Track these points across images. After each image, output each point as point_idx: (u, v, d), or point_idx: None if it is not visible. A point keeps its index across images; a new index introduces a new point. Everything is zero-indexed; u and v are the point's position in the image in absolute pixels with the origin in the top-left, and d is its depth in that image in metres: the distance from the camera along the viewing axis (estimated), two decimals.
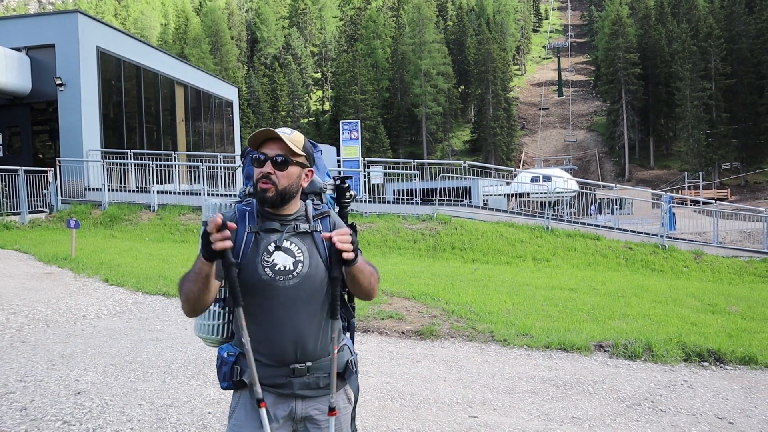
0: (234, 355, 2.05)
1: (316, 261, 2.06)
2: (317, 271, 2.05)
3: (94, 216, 16.11)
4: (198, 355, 5.70)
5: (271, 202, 2.02)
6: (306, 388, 2.03)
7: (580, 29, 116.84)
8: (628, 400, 4.89)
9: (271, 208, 2.05)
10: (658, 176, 67.85)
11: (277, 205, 2.04)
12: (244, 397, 2.04)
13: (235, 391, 2.07)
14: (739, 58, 64.69)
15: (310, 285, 2.03)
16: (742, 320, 8.24)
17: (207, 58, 77.38)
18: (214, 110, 28.34)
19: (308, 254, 2.05)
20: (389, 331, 6.70)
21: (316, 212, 2.14)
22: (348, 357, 2.15)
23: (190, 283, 1.88)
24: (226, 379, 2.05)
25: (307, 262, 2.04)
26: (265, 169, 2.01)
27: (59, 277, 9.06)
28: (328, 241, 1.88)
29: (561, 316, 7.61)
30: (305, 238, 2.07)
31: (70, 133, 18.27)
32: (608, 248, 15.06)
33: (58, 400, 4.52)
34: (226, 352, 2.07)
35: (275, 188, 2.00)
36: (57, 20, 19.21)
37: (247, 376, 2.00)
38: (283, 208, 2.06)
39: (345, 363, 2.13)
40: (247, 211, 2.08)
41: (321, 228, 2.11)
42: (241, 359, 2.03)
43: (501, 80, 78.12)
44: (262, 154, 2.02)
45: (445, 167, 20.48)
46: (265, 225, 2.05)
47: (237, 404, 2.07)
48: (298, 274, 2.02)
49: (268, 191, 2.00)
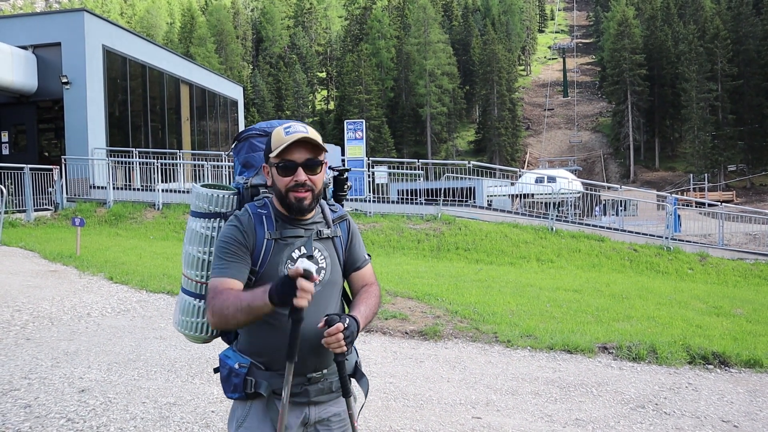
0: (246, 367, 1.94)
1: (336, 266, 2.02)
2: (337, 276, 2.03)
3: (99, 214, 16.15)
4: (201, 353, 5.70)
5: (310, 209, 1.94)
6: (321, 394, 1.99)
7: (586, 30, 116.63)
8: (632, 403, 4.87)
9: (308, 214, 1.96)
10: (664, 178, 67.68)
11: (314, 208, 1.96)
12: (257, 406, 1.95)
13: (245, 400, 1.96)
14: (746, 59, 64.49)
15: (330, 291, 2.00)
16: (747, 323, 8.21)
17: (212, 57, 77.48)
18: (219, 109, 28.39)
19: (330, 260, 2.00)
20: (393, 331, 6.70)
21: (334, 215, 2.07)
22: (355, 358, 2.11)
23: (239, 313, 1.76)
24: (237, 390, 1.93)
25: (329, 269, 2.00)
26: (300, 177, 1.88)
27: (64, 275, 9.09)
28: (324, 328, 1.79)
29: (565, 318, 7.60)
30: (327, 243, 2.01)
31: (75, 131, 18.33)
32: (613, 250, 15.02)
33: (63, 397, 4.53)
34: (237, 363, 1.96)
35: (311, 194, 1.91)
36: (63, 19, 19.27)
37: (264, 388, 1.91)
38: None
39: (354, 365, 2.09)
40: (263, 214, 1.95)
41: (340, 233, 2.05)
42: (254, 370, 1.94)
43: (506, 80, 78.00)
44: (290, 161, 1.89)
45: (449, 167, 20.46)
46: (287, 232, 1.94)
47: (248, 413, 1.95)
48: (320, 282, 1.94)
49: (305, 199, 1.90)
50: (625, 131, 73.21)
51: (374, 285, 2.11)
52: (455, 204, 17.56)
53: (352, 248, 2.09)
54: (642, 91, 72.14)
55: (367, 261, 2.13)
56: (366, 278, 2.11)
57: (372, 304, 2.00)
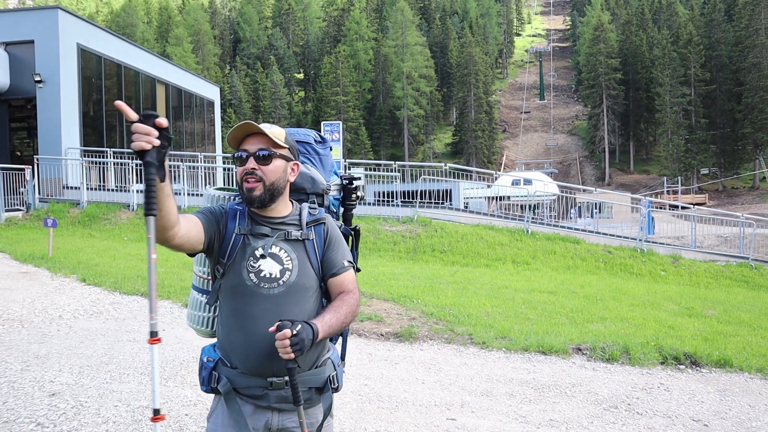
0: (213, 361, 1.99)
1: (306, 270, 1.98)
2: (306, 279, 1.97)
3: (73, 215, 15.92)
4: (175, 356, 5.65)
5: (260, 200, 1.93)
6: (283, 401, 1.94)
7: (563, 34, 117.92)
8: (605, 403, 4.93)
9: (260, 207, 1.95)
10: (638, 180, 68.63)
11: (266, 203, 1.94)
12: (223, 402, 1.97)
13: (216, 394, 2.01)
14: (718, 65, 65.68)
15: (296, 294, 1.95)
16: (718, 324, 8.36)
17: (189, 57, 76.76)
18: (196, 109, 28.17)
19: (297, 262, 1.97)
20: (368, 333, 6.70)
21: (311, 218, 2.04)
22: (329, 372, 2.05)
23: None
24: (204, 383, 2.00)
25: (296, 270, 1.96)
26: (248, 165, 1.92)
27: (35, 277, 8.94)
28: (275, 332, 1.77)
29: (540, 319, 7.66)
30: (296, 245, 1.98)
31: (48, 130, 18.06)
32: (587, 252, 15.19)
33: (32, 401, 4.45)
34: (206, 356, 2.01)
35: (262, 184, 1.92)
36: (37, 16, 19.00)
37: (223, 385, 1.95)
38: (272, 208, 1.98)
39: (325, 379, 2.03)
40: (238, 210, 1.98)
41: (314, 236, 2.02)
42: (219, 366, 1.98)
43: (483, 83, 78.53)
44: (243, 151, 1.94)
45: (426, 169, 20.52)
46: (254, 229, 1.96)
47: (216, 408, 2.00)
48: (284, 283, 1.93)
49: (255, 189, 1.91)
50: (600, 134, 74.14)
51: (351, 293, 2.03)
52: (432, 206, 17.60)
53: (329, 253, 2.04)
54: (617, 95, 73.14)
55: (346, 268, 2.05)
56: (344, 285, 2.03)
57: (342, 313, 1.94)
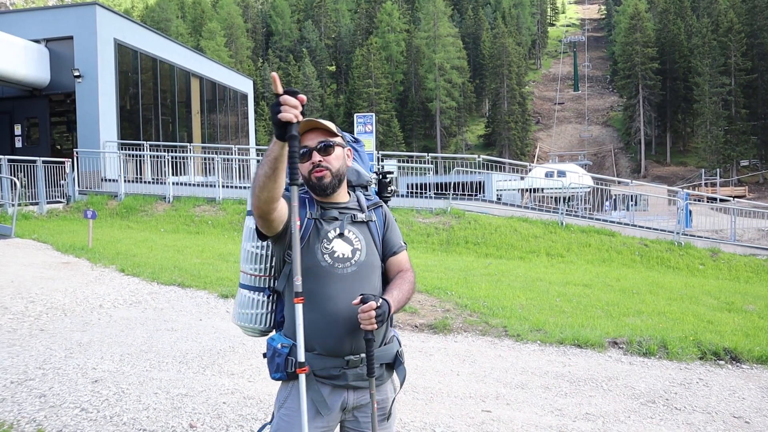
0: (288, 347, 2.04)
1: (372, 249, 2.12)
2: (374, 258, 2.12)
3: (111, 207, 16.25)
4: (213, 345, 5.74)
5: (332, 186, 2.06)
6: (359, 379, 2.05)
7: (597, 23, 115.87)
8: (642, 398, 4.86)
9: (331, 193, 2.08)
10: (675, 173, 67.25)
11: (336, 187, 2.08)
12: (297, 387, 1.96)
13: (286, 381, 2.07)
14: (760, 53, 63.89)
15: (366, 273, 2.08)
16: (759, 319, 8.17)
17: (222, 50, 77.51)
18: (229, 102, 28.43)
19: (365, 242, 2.10)
20: (402, 324, 6.71)
21: (369, 202, 2.20)
22: (397, 348, 2.18)
23: (261, 168, 1.81)
24: (279, 370, 2.04)
25: (365, 250, 2.10)
26: (314, 158, 2.04)
27: (76, 267, 9.16)
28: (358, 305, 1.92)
29: (575, 312, 7.59)
30: (361, 227, 2.13)
31: (87, 124, 18.44)
32: (623, 245, 14.97)
33: (76, 387, 4.58)
34: (280, 343, 2.06)
35: (329, 172, 2.04)
36: (75, 12, 19.35)
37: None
38: (337, 194, 2.10)
39: (395, 354, 2.15)
40: (306, 198, 2.10)
41: (375, 218, 2.17)
42: (295, 350, 1.98)
43: (516, 74, 77.66)
44: (304, 147, 2.04)
45: (459, 161, 20.43)
46: (325, 214, 2.08)
47: (289, 394, 2.06)
48: (356, 262, 2.06)
49: (325, 177, 2.04)
50: (636, 125, 72.76)
51: (409, 271, 2.20)
52: (465, 198, 17.54)
53: (388, 234, 2.20)
54: (654, 85, 71.62)
55: (403, 247, 2.23)
56: (402, 264, 2.20)
57: (405, 289, 2.10)
